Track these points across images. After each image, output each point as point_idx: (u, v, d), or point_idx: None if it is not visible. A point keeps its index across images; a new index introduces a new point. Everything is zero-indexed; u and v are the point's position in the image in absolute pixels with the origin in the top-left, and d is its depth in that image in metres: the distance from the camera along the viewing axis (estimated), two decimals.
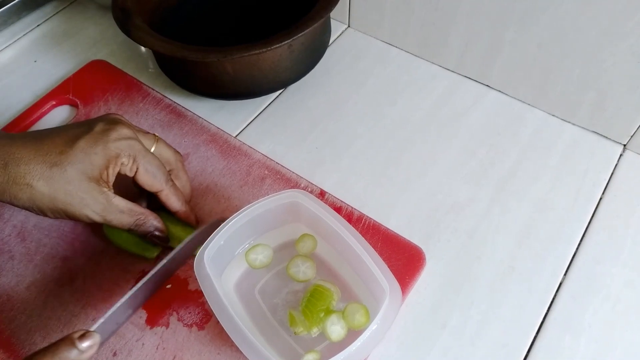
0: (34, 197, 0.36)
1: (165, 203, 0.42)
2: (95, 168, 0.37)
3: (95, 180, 0.37)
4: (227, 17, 0.62)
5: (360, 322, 0.39)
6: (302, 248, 0.43)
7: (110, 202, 0.38)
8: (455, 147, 0.52)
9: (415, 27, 0.57)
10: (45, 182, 0.36)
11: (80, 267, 0.44)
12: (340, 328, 0.38)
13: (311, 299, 0.39)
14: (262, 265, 0.43)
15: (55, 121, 0.55)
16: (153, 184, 0.40)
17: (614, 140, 0.52)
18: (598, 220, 0.47)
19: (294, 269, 0.42)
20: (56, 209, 0.37)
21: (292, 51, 0.50)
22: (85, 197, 0.37)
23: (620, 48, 0.45)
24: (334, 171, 0.50)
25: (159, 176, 0.40)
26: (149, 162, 0.40)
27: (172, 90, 0.57)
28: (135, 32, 0.48)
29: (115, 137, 0.38)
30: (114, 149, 0.38)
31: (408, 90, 0.57)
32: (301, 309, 0.39)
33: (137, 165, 0.39)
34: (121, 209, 0.39)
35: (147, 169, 0.39)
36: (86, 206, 0.37)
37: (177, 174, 0.44)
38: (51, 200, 0.36)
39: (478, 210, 0.47)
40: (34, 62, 0.61)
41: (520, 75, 0.53)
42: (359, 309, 0.39)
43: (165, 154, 0.43)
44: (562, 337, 0.41)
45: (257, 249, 0.43)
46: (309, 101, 0.56)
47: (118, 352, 0.39)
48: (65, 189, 0.36)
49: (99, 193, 0.38)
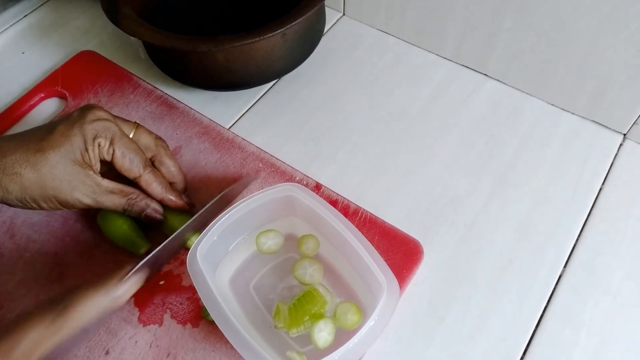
0: (24, 186, 0.36)
1: (146, 190, 0.41)
2: (76, 150, 0.37)
3: (79, 164, 0.38)
4: (220, 6, 0.61)
5: (353, 320, 0.38)
6: (306, 250, 0.42)
7: (99, 184, 0.39)
8: (454, 137, 0.51)
9: (411, 15, 0.56)
10: (32, 168, 0.36)
11: (71, 264, 0.43)
12: (327, 334, 0.37)
13: (301, 300, 0.38)
14: (269, 250, 0.42)
15: (44, 114, 0.54)
16: (131, 169, 0.40)
17: (613, 130, 0.51)
18: (598, 211, 0.46)
19: (301, 271, 0.41)
20: (47, 196, 0.37)
21: (286, 40, 0.49)
22: (72, 180, 0.37)
23: (620, 36, 0.44)
24: (329, 163, 0.50)
25: (136, 161, 0.40)
26: (125, 145, 0.39)
27: (164, 81, 0.56)
28: (124, 22, 0.47)
29: (91, 119, 0.38)
30: (90, 129, 0.38)
31: (405, 80, 0.56)
32: (289, 305, 0.38)
33: (114, 147, 0.39)
34: (111, 190, 0.39)
35: (123, 153, 0.39)
36: (75, 189, 0.38)
37: (160, 159, 0.43)
38: (40, 187, 0.37)
39: (476, 202, 0.47)
40: (22, 53, 0.60)
41: (519, 64, 0.52)
42: (349, 308, 0.38)
43: (144, 139, 0.42)
44: (562, 331, 0.40)
45: (269, 234, 0.42)
46: (304, 92, 0.55)
47: (111, 350, 0.39)
48: (51, 173, 0.37)
49: (86, 176, 0.38)
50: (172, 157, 0.44)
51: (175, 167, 0.44)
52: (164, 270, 0.42)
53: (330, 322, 0.38)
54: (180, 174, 0.44)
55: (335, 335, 0.37)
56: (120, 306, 0.36)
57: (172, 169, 0.43)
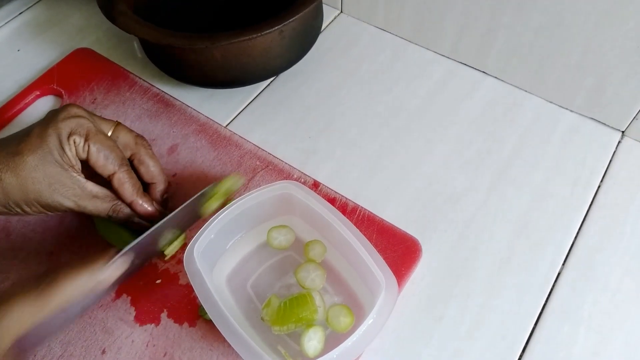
0: (6, 191, 0.36)
1: (118, 190, 0.39)
2: (53, 150, 0.36)
3: (59, 164, 0.37)
4: (216, 3, 0.61)
5: (346, 323, 0.38)
6: (313, 255, 0.41)
7: (82, 186, 0.37)
8: (452, 135, 0.51)
9: (409, 12, 0.55)
10: (12, 172, 0.35)
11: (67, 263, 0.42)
12: (317, 343, 0.36)
13: (293, 301, 0.37)
14: (279, 246, 0.41)
15: (39, 112, 0.53)
16: (105, 166, 0.38)
17: (612, 127, 0.51)
18: (597, 209, 0.46)
19: (304, 274, 0.40)
20: (29, 201, 0.36)
21: (283, 37, 0.49)
22: (53, 182, 0.36)
23: (619, 33, 0.44)
24: (327, 161, 0.49)
25: (111, 158, 0.38)
26: (100, 142, 0.38)
27: (160, 79, 0.55)
28: (120, 19, 0.46)
29: (63, 117, 0.37)
30: (63, 127, 0.37)
31: (403, 78, 0.55)
32: (280, 302, 0.38)
33: (89, 144, 0.38)
34: (95, 194, 0.38)
35: (98, 149, 0.38)
36: (55, 192, 0.36)
37: (140, 158, 0.41)
38: (22, 191, 0.36)
39: (475, 199, 0.46)
40: (17, 51, 0.59)
41: (517, 61, 0.52)
42: (341, 311, 0.38)
43: (123, 137, 0.41)
44: (561, 328, 0.40)
45: (281, 230, 0.42)
46: (301, 89, 0.55)
47: (107, 350, 0.38)
48: (32, 176, 0.36)
49: (67, 177, 0.37)
50: (153, 156, 0.42)
51: (156, 167, 0.42)
52: (161, 268, 0.42)
53: (319, 330, 0.37)
54: (161, 174, 0.42)
55: (325, 343, 0.37)
56: (103, 290, 0.36)
57: (152, 168, 0.42)
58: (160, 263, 0.42)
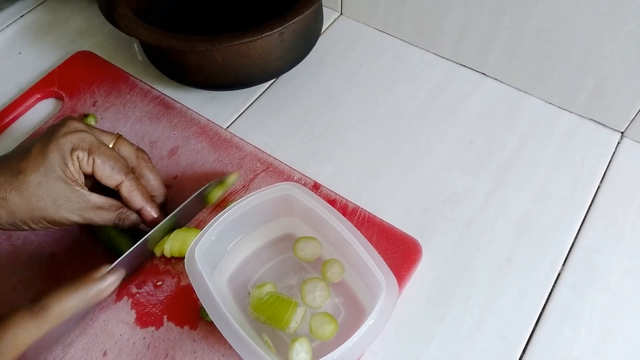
0: (11, 210, 0.36)
1: (127, 199, 0.39)
2: (56, 167, 0.36)
3: (63, 180, 0.37)
4: (217, 5, 0.61)
5: (330, 329, 0.37)
6: (331, 275, 0.40)
7: (86, 199, 0.38)
8: (452, 136, 0.51)
9: (409, 14, 0.56)
10: (16, 191, 0.36)
11: (69, 266, 0.43)
12: (305, 354, 0.36)
13: (278, 300, 0.37)
14: (304, 257, 0.41)
15: (40, 115, 0.53)
16: (112, 176, 0.38)
17: (611, 128, 0.51)
18: (596, 209, 0.46)
19: (309, 287, 0.40)
20: (35, 218, 0.36)
21: (284, 40, 0.49)
22: (57, 198, 0.36)
23: (619, 34, 0.44)
24: (328, 163, 0.49)
25: (117, 168, 0.38)
26: (104, 154, 0.38)
27: (161, 81, 0.56)
28: (121, 21, 0.47)
29: (64, 132, 0.37)
30: (65, 143, 0.37)
31: (403, 79, 0.55)
32: (271, 293, 0.38)
33: (93, 158, 0.38)
34: (99, 205, 0.38)
35: (103, 161, 0.38)
36: (61, 207, 0.37)
37: (140, 172, 0.41)
38: (28, 209, 0.36)
39: (475, 200, 0.47)
40: (18, 54, 0.59)
41: (517, 62, 0.52)
42: (322, 319, 0.38)
43: (124, 150, 0.41)
44: (561, 328, 0.40)
45: (309, 242, 0.42)
46: (302, 91, 0.55)
47: (108, 352, 0.38)
48: (36, 194, 0.36)
49: (71, 192, 0.37)
50: (154, 169, 0.42)
51: (156, 180, 0.42)
52: (162, 270, 0.42)
53: (305, 342, 0.37)
54: (161, 187, 0.43)
55: (312, 354, 0.36)
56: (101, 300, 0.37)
57: (153, 182, 0.42)
58: (161, 265, 0.42)
